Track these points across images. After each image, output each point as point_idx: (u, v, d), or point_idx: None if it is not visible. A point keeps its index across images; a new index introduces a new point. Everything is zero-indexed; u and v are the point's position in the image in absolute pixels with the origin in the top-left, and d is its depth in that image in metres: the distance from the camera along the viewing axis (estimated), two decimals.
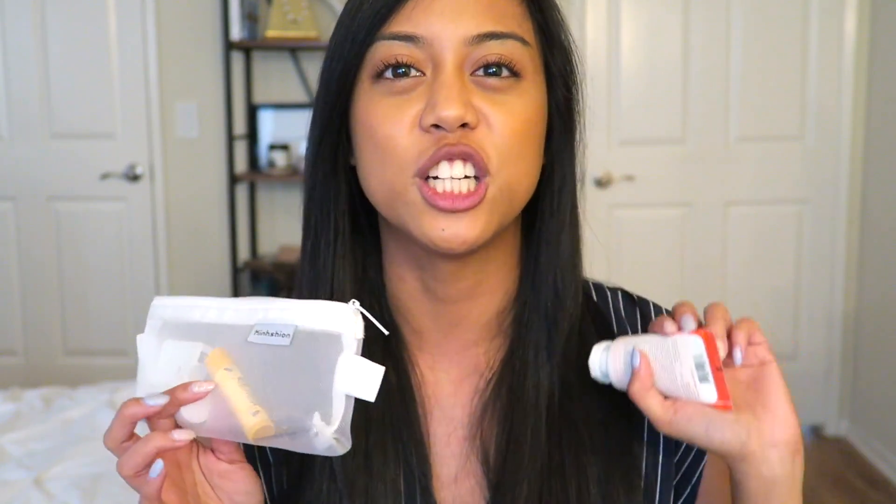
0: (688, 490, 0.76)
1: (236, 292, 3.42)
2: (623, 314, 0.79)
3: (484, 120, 0.65)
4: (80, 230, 3.54)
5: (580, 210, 0.74)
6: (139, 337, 0.63)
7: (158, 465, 0.59)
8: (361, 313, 0.58)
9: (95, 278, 3.55)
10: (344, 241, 0.72)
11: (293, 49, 3.39)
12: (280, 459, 0.75)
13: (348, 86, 0.68)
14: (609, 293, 0.80)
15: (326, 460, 0.70)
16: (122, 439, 0.59)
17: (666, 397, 0.64)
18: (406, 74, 0.65)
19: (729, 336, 0.65)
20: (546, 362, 0.72)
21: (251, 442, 0.59)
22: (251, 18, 3.29)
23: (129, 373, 3.44)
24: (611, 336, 0.73)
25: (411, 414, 0.71)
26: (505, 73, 0.66)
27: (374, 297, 0.74)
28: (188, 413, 0.60)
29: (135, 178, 3.48)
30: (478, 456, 0.72)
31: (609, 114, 3.35)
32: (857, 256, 3.42)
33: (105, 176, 3.48)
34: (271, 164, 3.39)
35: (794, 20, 3.33)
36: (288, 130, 3.45)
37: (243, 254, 3.52)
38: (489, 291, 0.73)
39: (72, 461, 1.99)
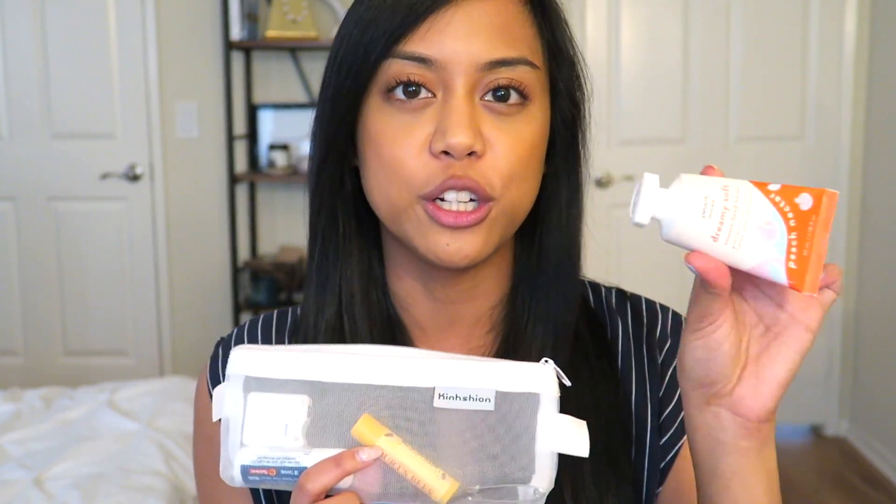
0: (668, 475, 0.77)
1: (236, 292, 3.42)
2: (615, 307, 0.80)
3: (490, 148, 0.66)
4: (80, 230, 3.53)
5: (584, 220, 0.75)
6: (218, 389, 0.60)
7: None
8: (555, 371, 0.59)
9: (95, 278, 3.55)
10: (350, 241, 0.74)
11: (293, 49, 3.39)
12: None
13: (358, 100, 0.69)
14: (604, 290, 0.82)
15: None
16: (328, 489, 0.57)
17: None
18: (417, 94, 0.66)
19: None
20: None
21: None
22: (251, 18, 3.28)
23: (129, 373, 3.44)
24: (603, 334, 0.76)
25: None
26: (514, 97, 0.67)
27: (380, 292, 0.76)
28: (345, 483, 0.58)
29: (135, 178, 3.48)
30: None
31: (609, 114, 3.34)
32: (857, 256, 3.42)
33: (105, 176, 3.47)
34: (271, 164, 3.39)
35: (794, 20, 3.33)
36: (288, 130, 3.45)
37: (243, 254, 3.52)
38: (484, 293, 0.75)
39: (72, 461, 1.99)
